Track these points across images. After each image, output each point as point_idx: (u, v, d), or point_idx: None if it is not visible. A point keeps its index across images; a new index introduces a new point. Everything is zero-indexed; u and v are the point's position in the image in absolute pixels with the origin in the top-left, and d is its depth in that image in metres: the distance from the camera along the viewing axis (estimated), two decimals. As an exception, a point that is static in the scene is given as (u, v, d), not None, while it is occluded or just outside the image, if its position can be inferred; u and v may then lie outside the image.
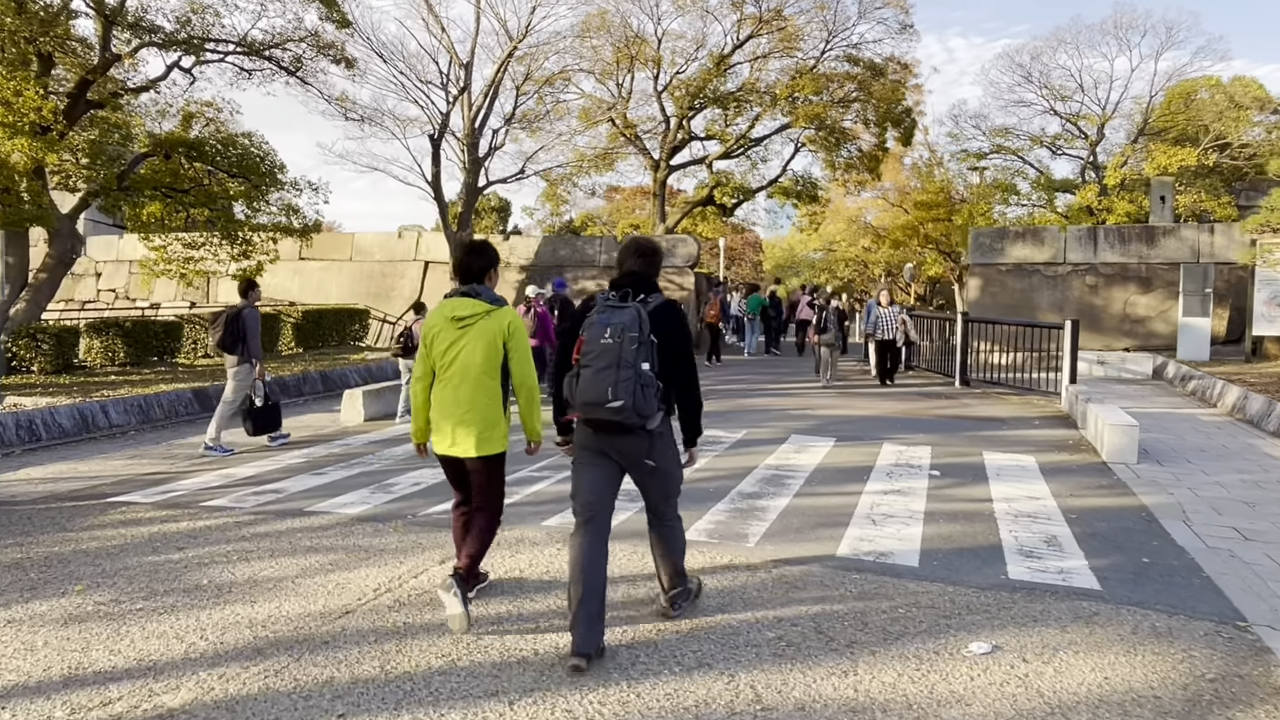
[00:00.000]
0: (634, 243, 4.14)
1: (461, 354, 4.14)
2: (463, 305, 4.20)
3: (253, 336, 8.98)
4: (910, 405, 12.51)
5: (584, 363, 3.73)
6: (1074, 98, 28.51)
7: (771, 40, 26.47)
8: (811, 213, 32.98)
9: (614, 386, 3.64)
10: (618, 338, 3.69)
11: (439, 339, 4.19)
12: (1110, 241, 19.09)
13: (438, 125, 20.52)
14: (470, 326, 4.14)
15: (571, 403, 3.81)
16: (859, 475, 7.74)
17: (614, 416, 3.69)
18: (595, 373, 3.68)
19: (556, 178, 30.69)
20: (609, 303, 3.86)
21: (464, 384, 4.15)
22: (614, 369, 3.66)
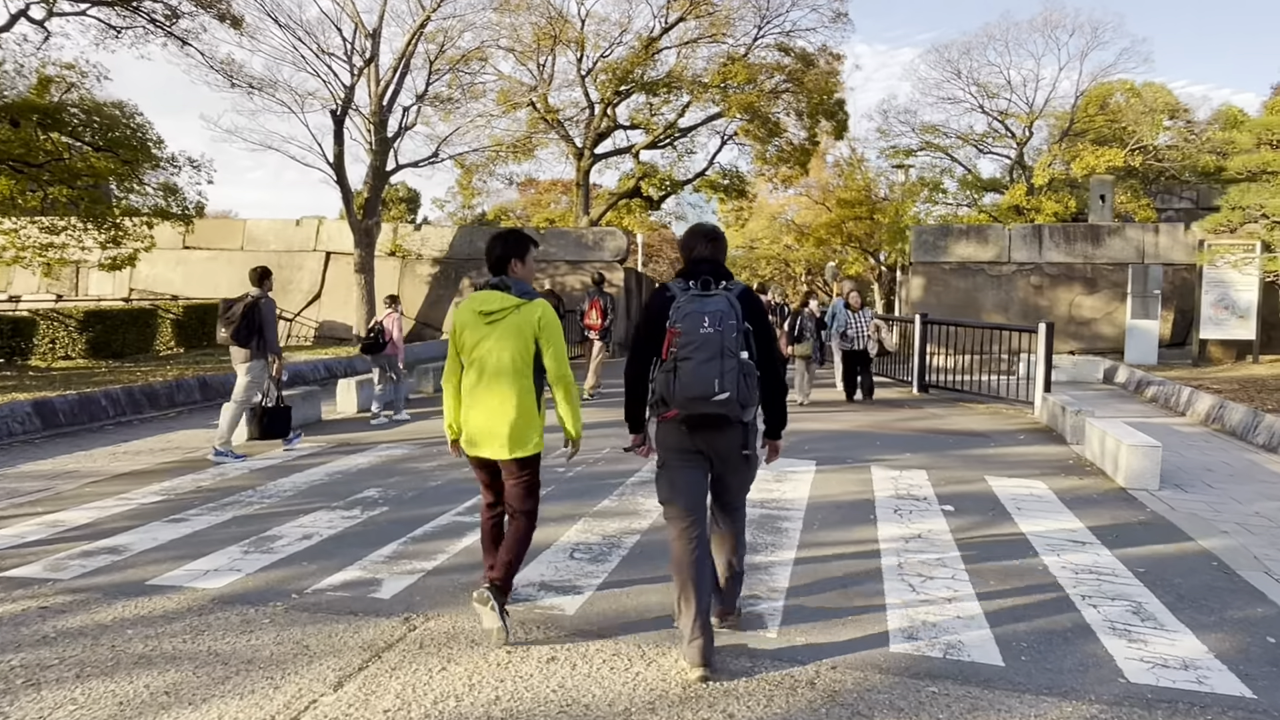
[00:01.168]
0: (700, 229, 3.92)
1: (491, 351, 3.91)
2: (491, 299, 3.94)
3: (270, 328, 8.37)
4: (876, 416, 11.32)
5: (683, 355, 3.50)
6: (1002, 95, 28.18)
7: (701, 25, 25.20)
8: (738, 208, 31.91)
9: (720, 378, 3.47)
10: (718, 326, 3.50)
11: (467, 334, 3.97)
12: (1055, 240, 18.46)
13: (340, 100, 18.42)
14: (499, 321, 3.90)
15: (668, 399, 3.57)
16: (863, 514, 6.38)
17: (719, 409, 3.53)
18: (698, 365, 3.49)
19: (473, 164, 28.79)
20: (694, 291, 3.63)
21: (495, 382, 3.92)
22: (718, 359, 3.48)
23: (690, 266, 3.80)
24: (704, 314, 3.53)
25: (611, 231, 21.36)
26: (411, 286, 21.83)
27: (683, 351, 3.50)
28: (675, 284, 3.74)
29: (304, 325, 22.08)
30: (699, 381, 3.48)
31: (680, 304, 3.60)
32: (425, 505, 6.49)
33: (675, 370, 3.52)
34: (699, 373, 3.48)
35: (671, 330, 3.55)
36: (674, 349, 3.53)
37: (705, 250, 3.82)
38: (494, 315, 3.90)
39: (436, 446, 8.95)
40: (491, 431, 3.91)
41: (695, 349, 3.49)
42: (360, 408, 11.68)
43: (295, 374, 14.46)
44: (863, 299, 13.04)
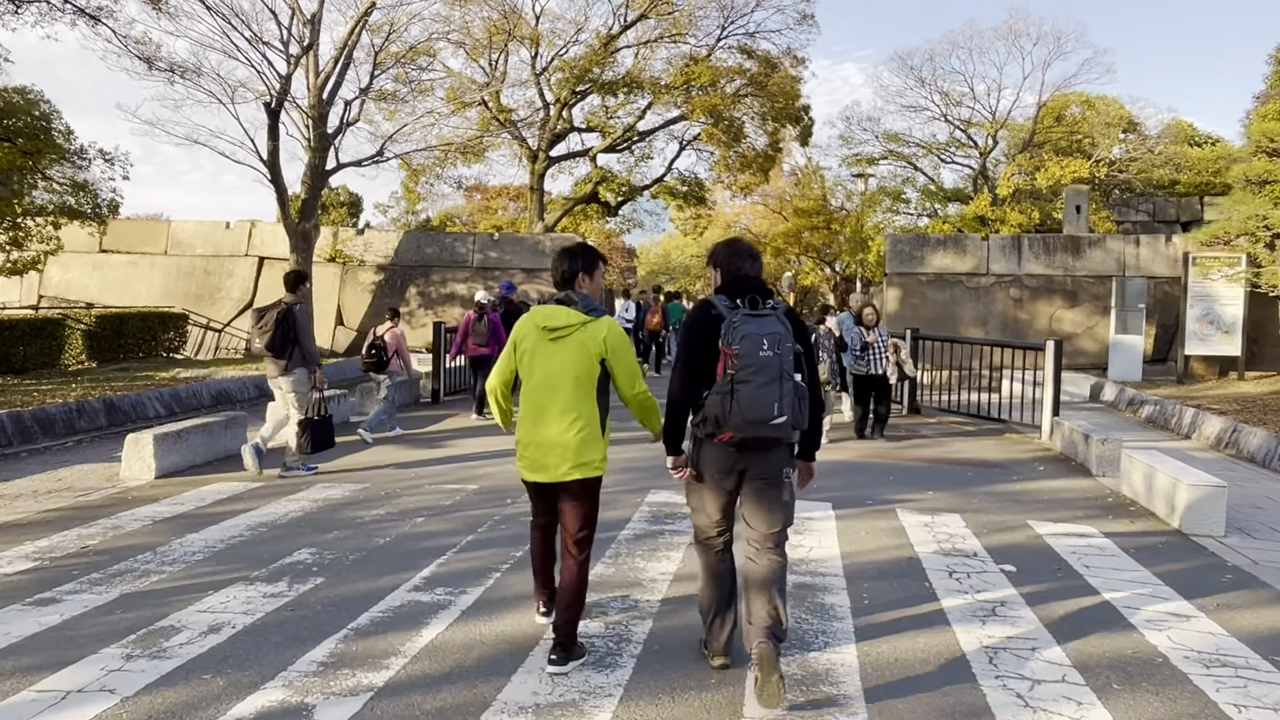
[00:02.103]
0: (741, 246, 3.86)
1: (554, 369, 3.76)
2: (556, 314, 3.79)
3: (306, 337, 7.98)
4: (878, 444, 10.26)
5: (741, 377, 3.42)
6: (965, 103, 27.68)
7: (662, 24, 24.14)
8: (696, 215, 30.91)
9: (779, 401, 3.44)
10: (776, 349, 3.45)
11: (528, 351, 3.82)
12: (1035, 251, 17.77)
13: (275, 91, 16.86)
14: (564, 339, 3.75)
15: (723, 421, 3.47)
16: (914, 579, 5.26)
17: (776, 433, 3.52)
18: (759, 388, 3.42)
19: (420, 166, 27.27)
20: (745, 311, 3.51)
21: (556, 402, 3.75)
22: (777, 383, 3.43)
23: (733, 283, 3.67)
24: (762, 336, 3.44)
25: (570, 239, 20.08)
26: (353, 295, 20.27)
27: (741, 374, 3.42)
28: (719, 301, 3.60)
29: (234, 336, 20.33)
30: (758, 405, 3.42)
31: (734, 324, 3.47)
32: (372, 574, 5.17)
33: (733, 393, 3.42)
34: (758, 396, 3.41)
35: (727, 351, 3.45)
36: (731, 371, 3.43)
37: (750, 268, 3.72)
38: (559, 332, 3.75)
39: (385, 485, 7.60)
40: (552, 453, 3.76)
41: (755, 371, 3.41)
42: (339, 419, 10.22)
43: (220, 393, 12.90)
44: (877, 314, 10.88)
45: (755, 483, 3.65)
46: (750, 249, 3.85)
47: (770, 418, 3.44)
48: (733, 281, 3.69)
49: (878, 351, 10.49)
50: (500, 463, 8.62)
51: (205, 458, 8.71)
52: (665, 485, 7.58)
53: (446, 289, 19.89)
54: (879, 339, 10.55)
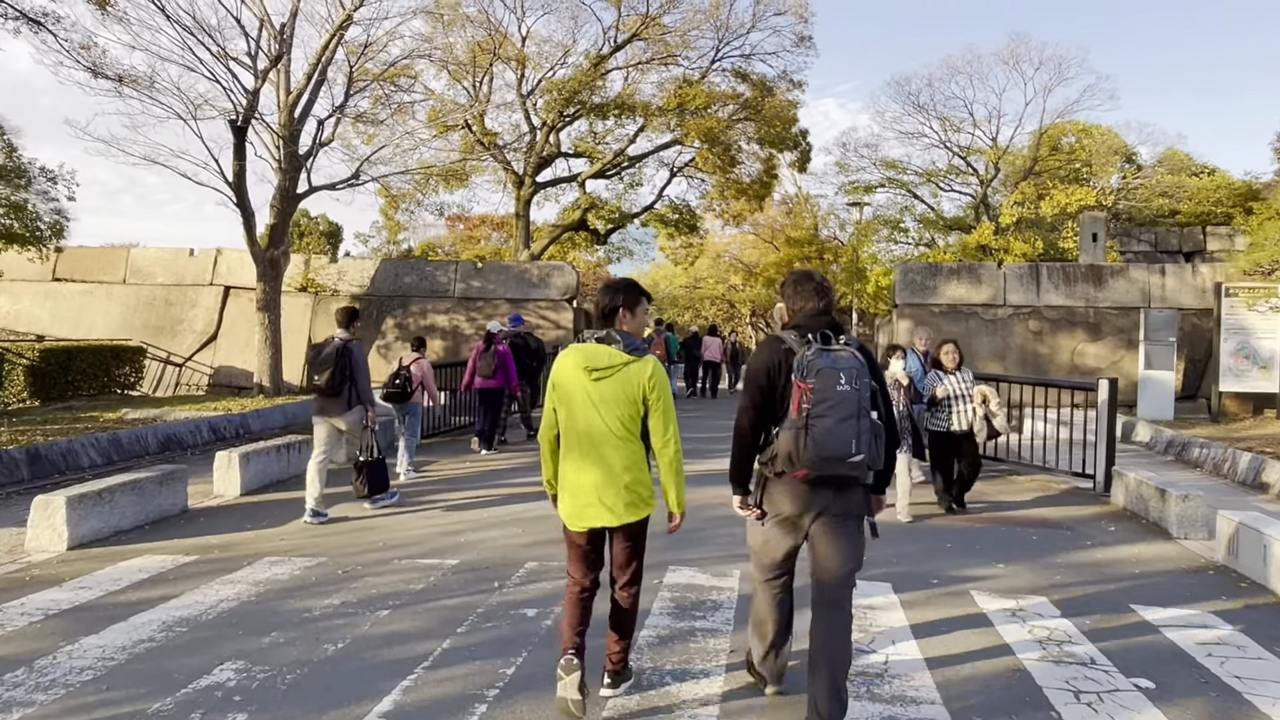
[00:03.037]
0: (811, 280, 3.73)
1: (598, 412, 3.63)
2: (598, 354, 3.67)
3: (362, 375, 7.74)
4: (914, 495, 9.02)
5: (818, 413, 3.34)
6: (965, 128, 26.87)
7: (653, 47, 23.19)
8: (688, 244, 29.86)
9: (857, 439, 3.35)
10: (854, 385, 3.39)
11: (571, 392, 3.69)
12: (1054, 281, 16.72)
13: (242, 107, 15.62)
14: (607, 379, 3.64)
15: (796, 458, 3.38)
16: (1033, 708, 3.99)
17: (852, 471, 3.42)
18: (837, 424, 3.34)
19: (399, 192, 26.08)
20: (819, 346, 3.46)
21: (602, 445, 3.64)
22: (855, 419, 3.35)
23: (803, 318, 3.62)
24: (839, 370, 3.38)
25: (559, 266, 18.89)
26: (325, 327, 18.91)
27: (818, 409, 3.34)
28: (789, 336, 3.57)
29: (196, 372, 18.91)
30: (836, 442, 3.33)
31: (808, 359, 3.41)
32: (313, 708, 3.84)
33: (808, 428, 3.34)
34: (836, 432, 3.33)
35: (802, 385, 3.38)
36: (807, 405, 3.35)
37: (821, 303, 3.64)
38: (601, 372, 3.64)
39: (345, 559, 6.27)
40: (599, 499, 3.65)
41: (831, 407, 3.34)
42: (245, 488, 8.87)
43: (169, 438, 11.50)
44: (959, 354, 8.35)
45: (828, 521, 3.53)
46: (821, 283, 3.70)
47: (847, 455, 3.34)
48: (802, 316, 3.62)
49: (962, 402, 8.09)
50: (486, 528, 7.31)
51: (134, 521, 7.34)
52: (687, 560, 6.31)
53: (426, 320, 18.59)
54: (963, 386, 8.14)
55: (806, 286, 3.68)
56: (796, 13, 21.87)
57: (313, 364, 7.68)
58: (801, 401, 3.36)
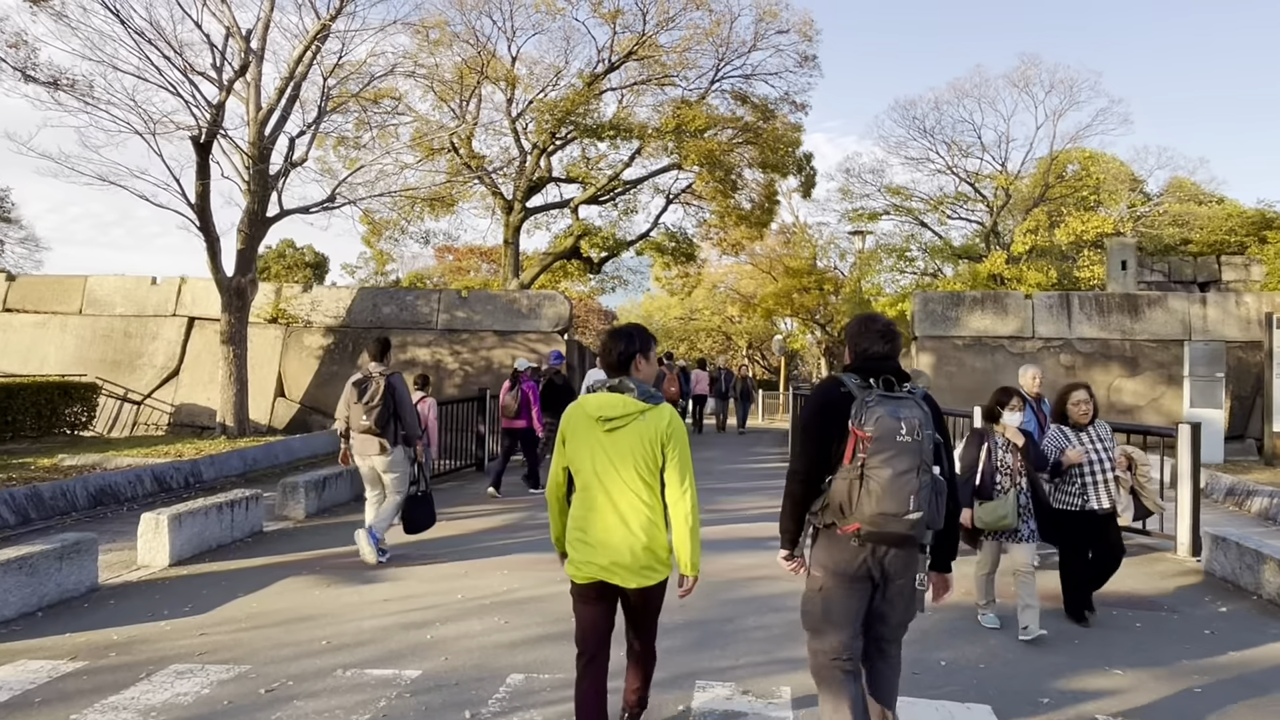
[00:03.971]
0: (875, 322, 3.51)
1: (612, 464, 3.42)
2: (611, 403, 3.47)
3: (408, 410, 7.32)
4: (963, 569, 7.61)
5: (876, 463, 3.11)
6: (973, 153, 25.84)
7: (649, 68, 22.10)
8: (684, 274, 28.64)
9: (915, 494, 3.11)
10: (915, 435, 3.15)
11: (581, 443, 3.48)
12: (1087, 312, 15.47)
13: (205, 122, 14.31)
14: (621, 429, 3.42)
15: (848, 510, 3.16)
16: None
17: (908, 530, 3.15)
18: (896, 476, 3.10)
19: (382, 220, 24.80)
20: (879, 391, 3.24)
21: (617, 500, 3.42)
22: (915, 473, 3.12)
23: (864, 362, 3.39)
24: (899, 418, 3.15)
25: (550, 295, 17.55)
26: (297, 361, 17.49)
27: (875, 459, 3.12)
28: (849, 378, 3.34)
29: (157, 410, 17.42)
30: (893, 496, 3.10)
31: (868, 404, 3.19)
32: None
33: (863, 479, 3.12)
34: (894, 486, 3.10)
35: (859, 432, 3.15)
36: (862, 454, 3.13)
37: (883, 347, 3.41)
38: (615, 422, 3.43)
39: (272, 666, 4.81)
40: (615, 559, 3.42)
41: (890, 458, 3.11)
42: (176, 557, 7.40)
43: (103, 490, 10.01)
44: (1093, 403, 6.16)
45: (886, 585, 3.31)
46: (886, 327, 3.48)
47: (904, 511, 3.11)
48: (865, 359, 3.40)
49: (1099, 470, 5.87)
50: (462, 617, 5.87)
51: (21, 608, 5.88)
52: (718, 670, 4.88)
53: (406, 354, 17.18)
54: (1100, 448, 5.91)
55: (872, 329, 3.46)
56: (800, 31, 20.86)
57: (363, 404, 7.15)
58: (856, 449, 3.15)
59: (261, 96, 16.09)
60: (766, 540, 8.32)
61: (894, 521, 3.12)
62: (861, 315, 3.63)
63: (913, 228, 27.61)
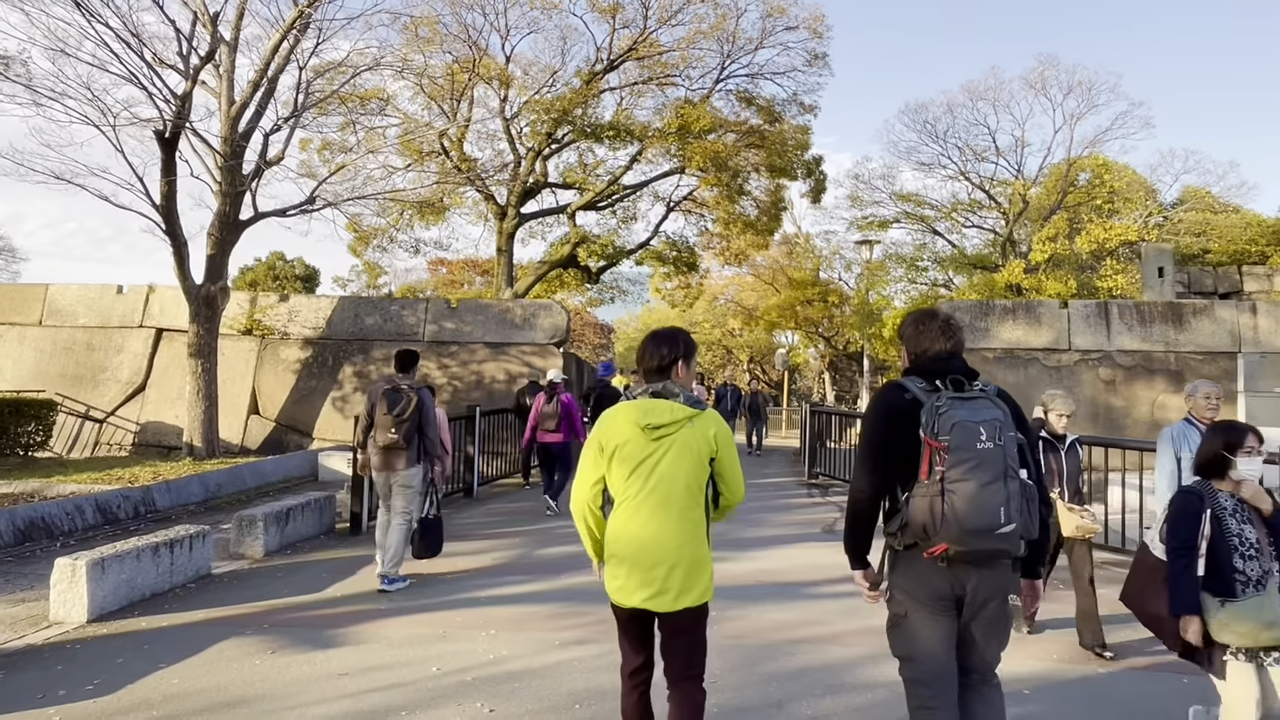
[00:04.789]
0: (933, 316, 3.21)
1: (659, 474, 3.18)
2: (657, 409, 3.22)
3: (433, 425, 7.03)
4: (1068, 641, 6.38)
5: (957, 475, 2.79)
6: (988, 157, 24.76)
7: (649, 68, 21.01)
8: (686, 284, 27.49)
9: (1006, 505, 2.78)
10: (998, 440, 2.82)
11: (625, 455, 3.22)
12: (1127, 322, 14.31)
13: (170, 115, 13.11)
14: (668, 437, 3.18)
15: (932, 530, 2.82)
16: None
17: (1002, 544, 2.83)
18: (981, 487, 2.78)
19: (370, 228, 23.62)
20: (949, 394, 2.90)
21: (662, 513, 3.17)
22: (1002, 481, 2.80)
23: (927, 363, 3.10)
24: (978, 423, 2.83)
25: (546, 305, 16.33)
26: (272, 375, 16.22)
27: (956, 471, 2.80)
28: (912, 383, 3.03)
29: (120, 429, 16.13)
30: (981, 510, 2.78)
31: (940, 410, 2.86)
32: None
33: (944, 494, 2.81)
34: (981, 499, 2.78)
35: (933, 442, 2.84)
36: (941, 467, 2.82)
37: (947, 344, 3.12)
38: (663, 429, 3.19)
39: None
40: (654, 575, 3.17)
41: (973, 468, 2.79)
42: (97, 611, 6.14)
43: (33, 523, 8.73)
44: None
45: (977, 609, 2.96)
46: (946, 321, 3.18)
47: (995, 525, 2.78)
48: (926, 360, 3.10)
49: None
50: (433, 702, 4.60)
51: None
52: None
53: (390, 368, 15.93)
54: None
55: (930, 325, 3.16)
56: (810, 27, 19.79)
57: (393, 415, 6.84)
58: (933, 462, 2.83)
59: (235, 90, 14.93)
60: (803, 586, 7.10)
61: (985, 538, 2.82)
62: (916, 312, 3.29)
63: (925, 236, 26.49)
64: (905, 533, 2.95)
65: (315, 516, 9.21)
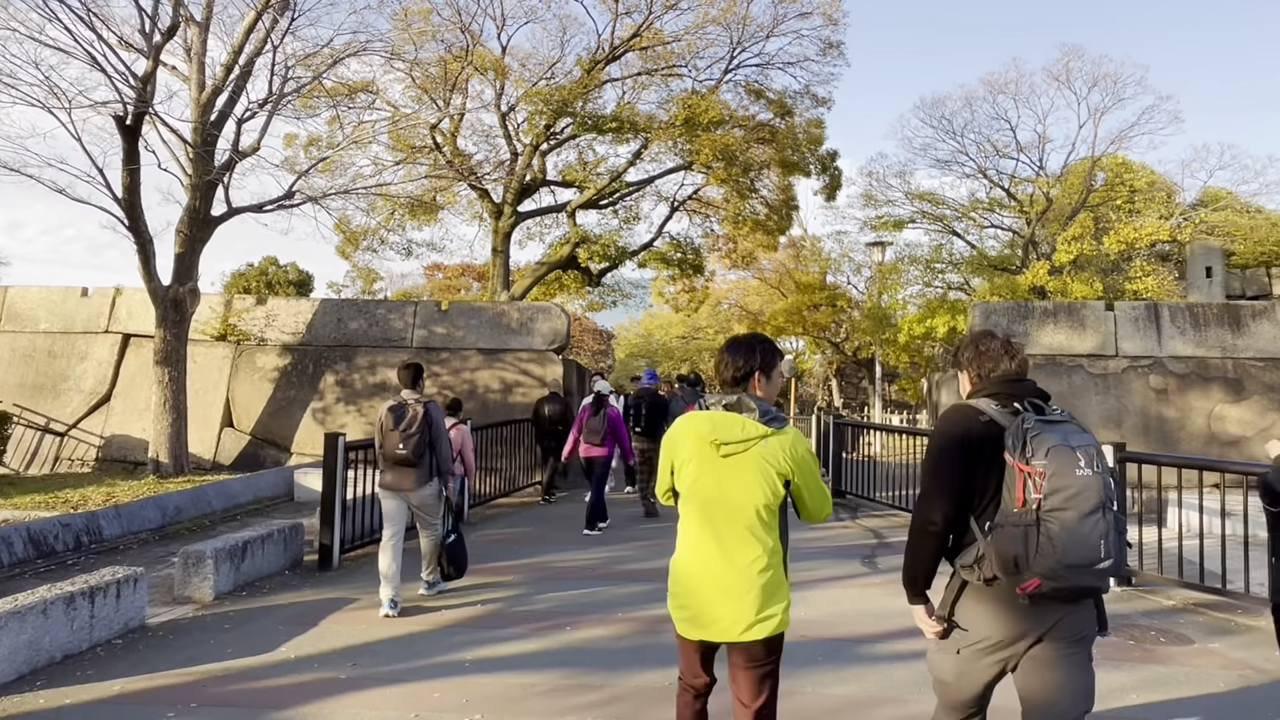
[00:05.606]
0: (989, 338, 3.04)
1: (730, 493, 2.97)
2: (730, 423, 2.99)
3: (445, 440, 6.86)
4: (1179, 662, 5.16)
5: (1055, 505, 2.55)
6: (1008, 153, 23.61)
7: (653, 59, 19.85)
8: (690, 288, 26.29)
9: (1105, 538, 2.56)
10: (1095, 467, 2.60)
11: (688, 470, 3.03)
12: (1179, 325, 13.12)
13: (131, 99, 11.89)
14: (740, 454, 2.96)
15: (1025, 565, 2.58)
16: None
17: (1097, 581, 2.61)
18: (1081, 519, 2.54)
19: (360, 229, 22.41)
20: (1037, 417, 2.68)
21: (731, 536, 2.97)
22: (1101, 513, 2.56)
23: (998, 385, 2.89)
24: (1075, 449, 2.60)
25: (545, 308, 15.11)
26: (248, 385, 14.98)
27: (1054, 499, 2.56)
28: (986, 405, 2.83)
29: (83, 443, 14.88)
30: (1083, 543, 2.54)
31: (1029, 433, 2.64)
32: None
33: (1040, 525, 2.57)
34: (1081, 531, 2.54)
35: (1024, 467, 2.61)
36: (1037, 495, 2.59)
37: (1012, 364, 2.94)
38: (732, 447, 2.96)
39: None
40: (723, 602, 2.96)
41: (1072, 496, 2.56)
42: (14, 673, 4.91)
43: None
44: None
45: (1052, 648, 2.72)
46: (1007, 340, 3.02)
47: (1096, 560, 2.57)
48: (999, 382, 2.89)
49: None
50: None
51: None
52: None
53: (376, 376, 14.71)
54: None
55: (992, 345, 2.98)
56: (824, 13, 18.63)
57: (401, 431, 6.68)
58: (1026, 489, 2.60)
59: (207, 75, 13.74)
60: (860, 644, 5.71)
61: (1083, 574, 2.57)
62: (975, 333, 3.15)
63: (942, 236, 25.30)
64: (983, 565, 2.72)
65: (278, 549, 7.97)
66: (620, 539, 9.76)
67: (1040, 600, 2.65)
